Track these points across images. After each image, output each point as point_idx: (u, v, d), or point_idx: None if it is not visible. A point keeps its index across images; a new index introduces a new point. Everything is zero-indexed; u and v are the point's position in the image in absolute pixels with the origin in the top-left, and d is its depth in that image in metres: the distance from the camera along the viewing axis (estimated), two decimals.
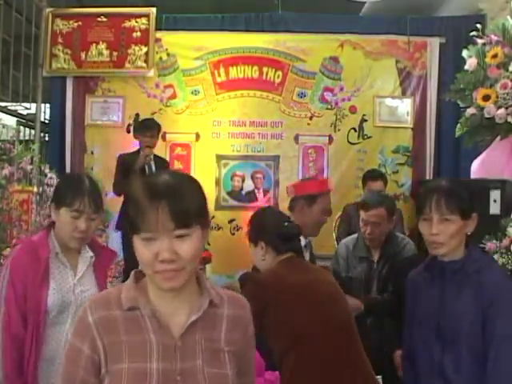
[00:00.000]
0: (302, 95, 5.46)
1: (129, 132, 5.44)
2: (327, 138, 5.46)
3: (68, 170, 5.32)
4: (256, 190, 5.46)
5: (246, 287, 2.28)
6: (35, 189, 3.50)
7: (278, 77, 5.47)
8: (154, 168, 4.66)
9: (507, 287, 1.82)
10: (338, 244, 4.65)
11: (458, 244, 1.87)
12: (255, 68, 5.47)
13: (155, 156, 4.75)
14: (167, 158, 5.24)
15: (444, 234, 1.82)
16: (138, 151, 4.71)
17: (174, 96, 5.47)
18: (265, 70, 5.47)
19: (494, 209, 3.19)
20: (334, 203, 5.00)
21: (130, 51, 5.35)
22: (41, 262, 1.98)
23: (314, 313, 2.07)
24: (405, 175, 5.44)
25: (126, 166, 4.59)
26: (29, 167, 3.39)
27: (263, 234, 2.26)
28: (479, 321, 1.78)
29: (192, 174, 1.31)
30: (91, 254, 2.14)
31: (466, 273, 1.84)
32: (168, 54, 5.46)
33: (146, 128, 4.73)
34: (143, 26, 5.37)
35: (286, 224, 2.29)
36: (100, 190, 2.11)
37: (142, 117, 5.43)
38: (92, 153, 5.44)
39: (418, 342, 1.91)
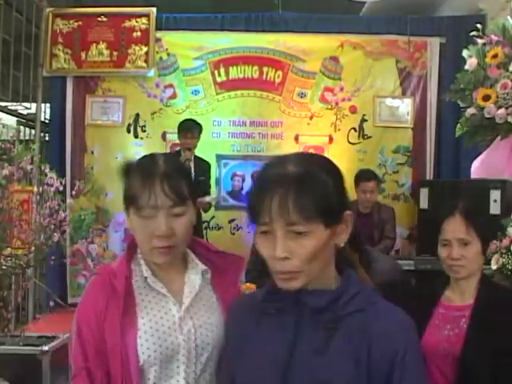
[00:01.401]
0: (302, 95, 5.46)
1: (129, 132, 5.45)
2: (327, 138, 5.46)
3: (68, 169, 5.33)
4: None
5: None
6: (35, 189, 3.50)
7: (278, 77, 5.47)
8: (193, 172, 4.55)
9: (412, 339, 1.07)
10: None
11: (321, 267, 1.06)
12: (255, 68, 5.47)
13: (196, 157, 4.71)
14: None
15: (296, 256, 1.02)
16: (179, 152, 4.67)
17: (174, 96, 5.47)
18: (265, 69, 5.47)
19: (494, 209, 3.20)
20: None
21: (130, 51, 5.35)
22: (118, 295, 1.32)
23: None
24: (405, 175, 5.45)
25: None
26: (29, 167, 3.38)
27: None
28: None
29: None
30: (203, 266, 1.41)
31: (339, 315, 1.06)
32: (168, 54, 5.46)
33: (187, 129, 4.65)
34: (143, 26, 5.37)
35: None
36: (188, 170, 1.44)
37: (142, 117, 5.45)
38: (92, 153, 5.44)
39: None
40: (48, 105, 5.61)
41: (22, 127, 5.25)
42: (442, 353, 1.83)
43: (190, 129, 4.64)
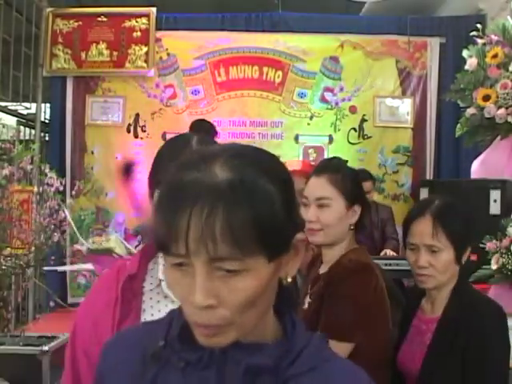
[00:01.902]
0: (302, 95, 5.46)
1: (129, 132, 5.45)
2: (327, 137, 5.46)
3: (68, 169, 5.33)
4: None
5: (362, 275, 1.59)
6: (35, 189, 3.50)
7: (278, 77, 5.47)
8: None
9: None
10: None
11: (259, 314, 0.73)
12: (255, 68, 5.47)
13: None
14: None
15: (226, 305, 0.68)
16: None
17: (174, 96, 5.47)
18: (265, 69, 5.47)
19: (494, 209, 3.20)
20: None
21: (130, 51, 5.35)
22: (116, 298, 1.14)
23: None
24: (405, 175, 5.45)
25: None
26: (29, 167, 3.38)
27: (363, 199, 1.70)
28: None
29: None
30: None
31: (284, 377, 0.73)
32: (168, 54, 5.46)
33: (195, 130, 4.47)
34: (143, 26, 5.37)
35: None
36: None
37: (142, 117, 5.45)
38: (92, 153, 5.44)
39: None
40: (48, 105, 5.61)
41: (22, 127, 5.25)
42: (408, 372, 1.63)
43: (198, 130, 4.44)
